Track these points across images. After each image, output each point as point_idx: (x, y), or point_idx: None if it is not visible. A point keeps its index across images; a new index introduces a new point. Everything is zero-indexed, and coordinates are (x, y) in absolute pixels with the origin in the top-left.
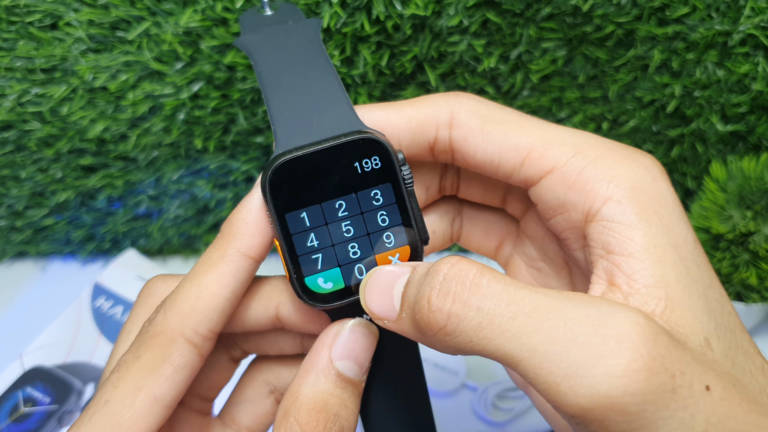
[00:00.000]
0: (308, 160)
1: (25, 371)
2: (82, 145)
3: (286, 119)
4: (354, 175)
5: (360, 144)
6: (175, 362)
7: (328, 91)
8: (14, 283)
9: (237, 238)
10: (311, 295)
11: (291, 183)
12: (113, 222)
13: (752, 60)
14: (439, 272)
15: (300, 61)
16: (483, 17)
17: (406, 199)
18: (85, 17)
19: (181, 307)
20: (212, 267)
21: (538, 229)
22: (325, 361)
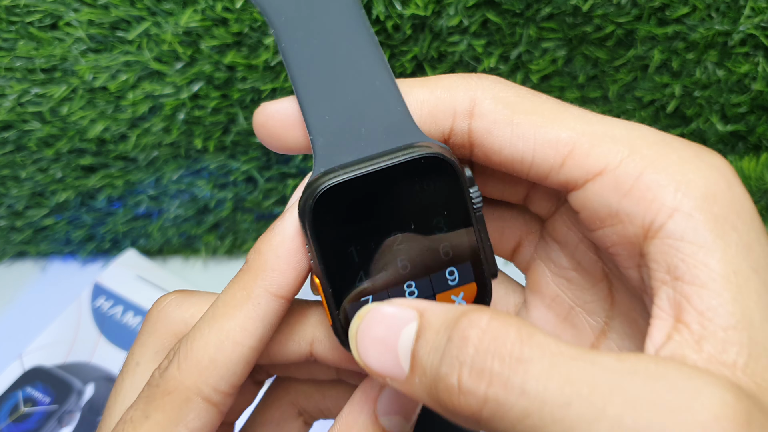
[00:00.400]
0: (359, 184)
1: (25, 371)
2: (82, 145)
3: (327, 125)
4: (413, 201)
5: (422, 163)
6: (190, 425)
7: (376, 84)
8: (14, 283)
9: (267, 275)
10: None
11: (337, 211)
12: (113, 222)
13: (752, 60)
14: (468, 342)
15: (337, 37)
16: (483, 17)
17: (474, 227)
18: (85, 17)
19: (199, 360)
20: (236, 309)
21: (571, 234)
22: (368, 417)
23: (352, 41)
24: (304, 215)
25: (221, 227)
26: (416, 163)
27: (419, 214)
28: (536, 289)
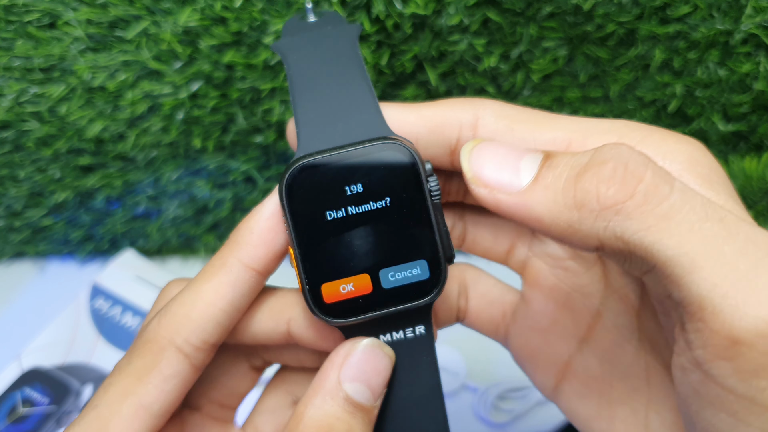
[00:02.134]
0: (329, 165)
1: (24, 372)
2: (80, 144)
3: (311, 122)
4: (378, 183)
5: (385, 150)
6: (164, 371)
7: (356, 96)
8: (12, 284)
9: (240, 248)
10: (325, 309)
11: (310, 187)
12: (112, 222)
13: (754, 59)
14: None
15: (331, 65)
16: (484, 16)
17: (431, 212)
18: (84, 16)
19: (175, 315)
20: (211, 275)
21: None
22: (333, 381)
23: (342, 67)
24: (282, 190)
25: (220, 227)
26: (380, 148)
27: (382, 195)
28: (535, 283)
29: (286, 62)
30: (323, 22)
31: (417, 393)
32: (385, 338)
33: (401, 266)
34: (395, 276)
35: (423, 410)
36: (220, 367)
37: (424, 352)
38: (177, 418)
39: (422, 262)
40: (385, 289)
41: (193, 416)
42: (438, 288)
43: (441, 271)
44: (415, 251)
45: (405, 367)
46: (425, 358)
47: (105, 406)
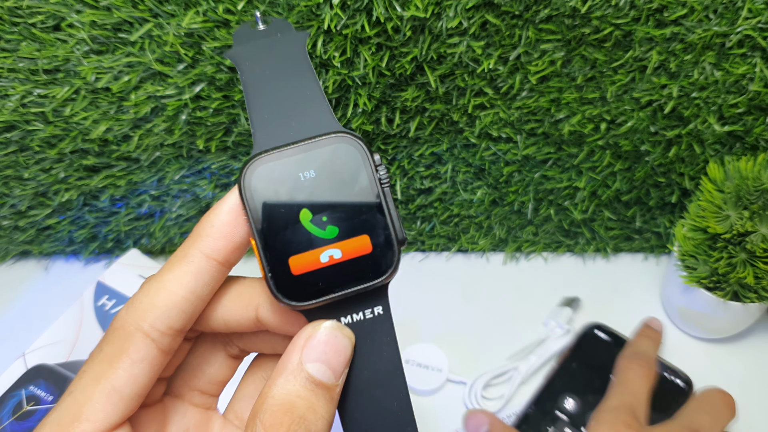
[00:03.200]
0: (283, 158)
1: (28, 369)
2: (85, 145)
3: (265, 122)
4: (328, 172)
5: (334, 141)
6: (132, 356)
7: (307, 96)
8: (17, 283)
9: (201, 240)
10: (286, 292)
11: (266, 181)
12: (116, 222)
13: (749, 61)
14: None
15: (282, 70)
16: (482, 19)
17: (383, 197)
18: (88, 19)
19: (140, 303)
20: (174, 266)
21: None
22: (295, 362)
23: (292, 70)
24: (240, 185)
25: None
26: (330, 141)
27: (335, 182)
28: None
29: (239, 69)
30: (272, 30)
31: (379, 371)
32: (346, 320)
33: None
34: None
35: (385, 388)
36: (200, 356)
37: (384, 332)
38: (159, 405)
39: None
40: (342, 264)
41: (175, 403)
42: (392, 268)
43: (394, 252)
44: (369, 233)
45: (366, 346)
46: (385, 338)
47: (79, 391)
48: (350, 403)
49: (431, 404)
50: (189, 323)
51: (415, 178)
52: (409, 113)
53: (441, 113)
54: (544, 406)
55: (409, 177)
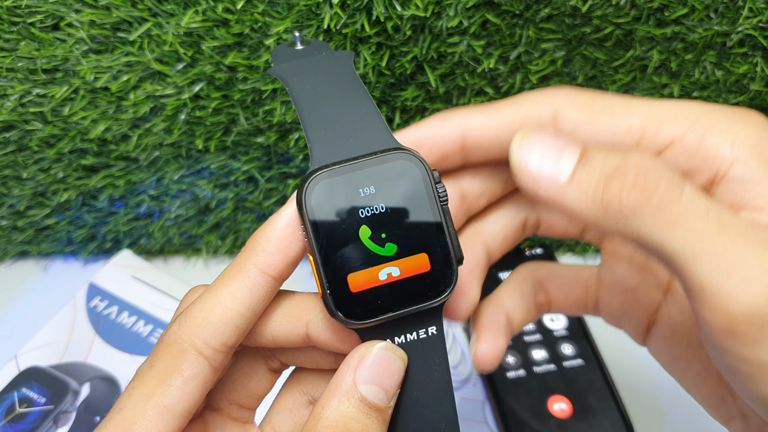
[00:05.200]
0: (343, 174)
1: (21, 371)
2: (83, 145)
3: (322, 138)
4: (389, 189)
5: (395, 159)
6: (185, 372)
7: (363, 114)
8: (16, 283)
9: (257, 255)
10: (345, 310)
11: (326, 196)
12: (115, 222)
13: (750, 60)
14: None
15: (334, 87)
16: (482, 18)
17: (441, 216)
18: (87, 18)
19: (195, 318)
20: (230, 281)
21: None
22: (348, 384)
23: (345, 88)
24: (300, 201)
25: (222, 227)
26: (390, 157)
27: (395, 200)
28: (614, 254)
29: (288, 85)
30: (313, 49)
31: (429, 391)
32: (399, 340)
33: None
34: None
35: (434, 408)
36: (240, 370)
37: (436, 352)
38: (199, 419)
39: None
40: (400, 282)
41: (214, 417)
42: (450, 288)
43: (453, 272)
44: (427, 251)
45: (418, 367)
46: (437, 358)
47: (130, 408)
48: (399, 422)
49: None
50: (241, 339)
51: None
52: (410, 113)
53: None
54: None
55: None
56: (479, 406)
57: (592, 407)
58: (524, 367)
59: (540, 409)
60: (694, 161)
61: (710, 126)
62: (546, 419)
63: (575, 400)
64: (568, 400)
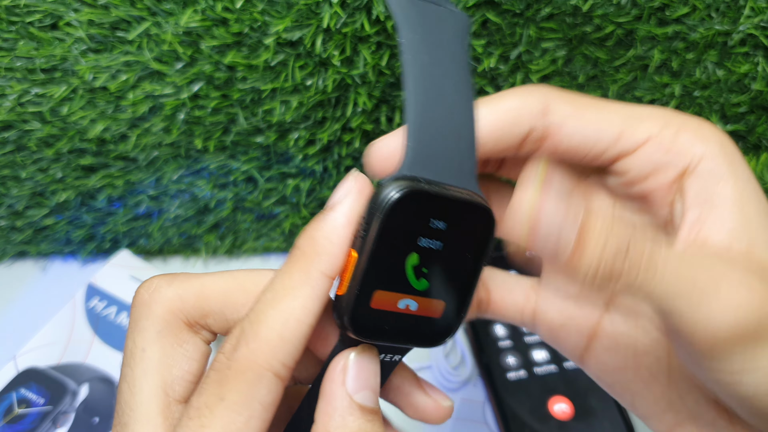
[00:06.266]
0: (430, 196)
1: (19, 372)
2: (82, 145)
3: (423, 137)
4: (454, 235)
5: (477, 209)
6: (263, 400)
7: (465, 128)
8: (14, 283)
9: (321, 258)
10: (355, 320)
11: (405, 210)
12: (113, 222)
13: (752, 60)
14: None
15: (447, 65)
16: (483, 17)
17: (476, 280)
18: (85, 17)
19: (269, 338)
20: (297, 290)
21: (605, 201)
22: (344, 398)
23: (457, 75)
24: (383, 203)
25: (221, 227)
26: (474, 205)
27: (454, 243)
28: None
29: (399, 31)
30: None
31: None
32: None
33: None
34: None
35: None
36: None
37: (388, 374)
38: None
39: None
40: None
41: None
42: (447, 339)
43: (455, 326)
44: (446, 301)
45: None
46: (385, 379)
47: None
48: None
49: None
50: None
51: None
52: None
53: None
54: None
55: None
56: (479, 407)
57: (593, 408)
58: (525, 368)
59: (541, 410)
60: (667, 156)
61: (682, 125)
62: (547, 420)
63: (576, 401)
64: (569, 401)
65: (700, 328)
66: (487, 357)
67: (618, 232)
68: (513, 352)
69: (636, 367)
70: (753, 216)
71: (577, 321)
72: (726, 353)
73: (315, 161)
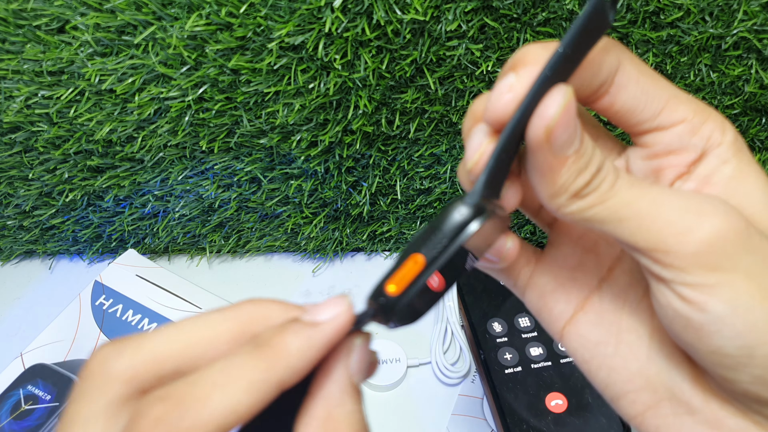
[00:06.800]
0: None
1: (26, 369)
2: (89, 146)
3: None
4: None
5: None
6: None
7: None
8: (22, 282)
9: (285, 371)
10: (406, 303)
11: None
12: (120, 221)
13: (745, 63)
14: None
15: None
16: (481, 22)
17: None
18: (92, 21)
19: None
20: (240, 391)
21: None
22: (346, 379)
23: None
24: (479, 225)
25: (226, 227)
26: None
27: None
28: (564, 231)
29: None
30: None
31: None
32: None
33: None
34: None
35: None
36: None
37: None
38: None
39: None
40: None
41: None
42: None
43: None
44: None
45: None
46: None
47: None
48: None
49: (401, 393)
50: None
51: (414, 178)
52: (409, 115)
53: (440, 115)
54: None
55: (409, 177)
56: (478, 403)
57: (588, 403)
58: (521, 364)
59: (537, 405)
60: (693, 139)
61: (709, 116)
62: (543, 415)
63: (572, 395)
64: (565, 396)
65: (676, 246)
66: (485, 353)
67: (598, 159)
68: (510, 348)
69: (617, 342)
70: (749, 190)
71: (568, 291)
72: (711, 265)
73: (317, 162)
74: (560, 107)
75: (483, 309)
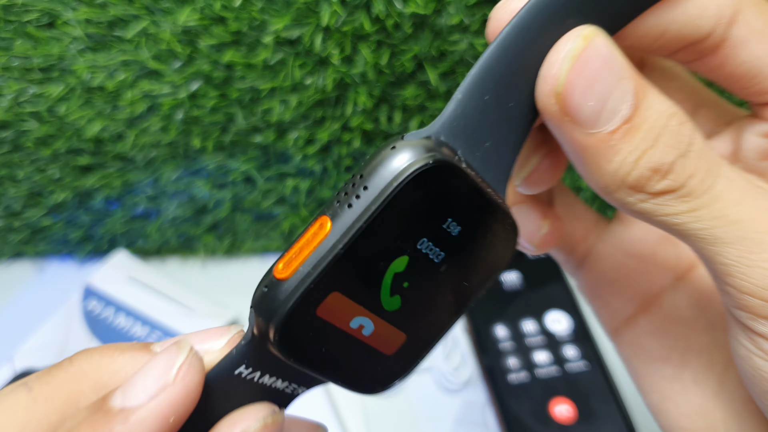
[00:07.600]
0: (464, 189)
1: (17, 374)
2: (79, 144)
3: (473, 113)
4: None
5: (507, 228)
6: None
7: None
8: (11, 284)
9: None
10: (289, 327)
11: (424, 188)
12: (111, 222)
13: None
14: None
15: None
16: (484, 16)
17: (459, 318)
18: (83, 16)
19: None
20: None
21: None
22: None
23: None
24: (400, 168)
25: (220, 227)
26: (509, 224)
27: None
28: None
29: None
30: None
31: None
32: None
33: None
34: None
35: None
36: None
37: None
38: None
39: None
40: (358, 343)
41: None
42: (389, 387)
43: (395, 378)
44: (409, 336)
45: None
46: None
47: None
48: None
49: (401, 401)
50: None
51: None
52: (410, 112)
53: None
54: None
55: None
56: (479, 409)
57: (595, 411)
58: (527, 370)
59: (542, 412)
60: None
61: None
62: (548, 423)
63: (578, 403)
64: (571, 403)
65: (754, 281)
66: (489, 358)
67: (679, 131)
68: (514, 354)
69: (681, 365)
70: None
71: (632, 284)
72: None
73: (314, 161)
74: (571, 57)
75: (486, 312)
